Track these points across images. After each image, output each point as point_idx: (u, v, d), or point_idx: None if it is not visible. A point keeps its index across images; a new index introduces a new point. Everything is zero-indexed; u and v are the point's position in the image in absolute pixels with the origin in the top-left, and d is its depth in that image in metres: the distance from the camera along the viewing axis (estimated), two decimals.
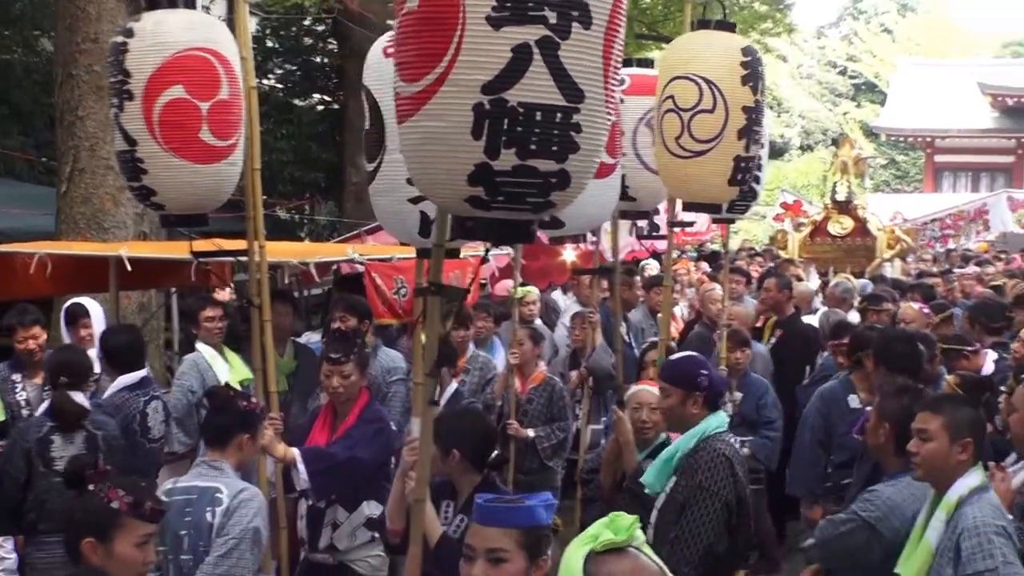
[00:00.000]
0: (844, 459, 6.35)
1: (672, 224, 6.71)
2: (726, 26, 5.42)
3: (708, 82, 5.13)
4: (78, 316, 7.30)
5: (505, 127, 2.74)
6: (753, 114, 5.26)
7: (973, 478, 4.00)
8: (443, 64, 2.75)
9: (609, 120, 2.92)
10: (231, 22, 5.83)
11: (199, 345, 7.47)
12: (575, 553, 2.36)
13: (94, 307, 7.38)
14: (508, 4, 2.68)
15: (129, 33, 4.81)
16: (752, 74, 5.24)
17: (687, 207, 5.76)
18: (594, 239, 7.59)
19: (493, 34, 2.70)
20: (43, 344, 6.85)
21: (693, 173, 5.25)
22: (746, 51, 5.27)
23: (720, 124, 5.17)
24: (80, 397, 5.71)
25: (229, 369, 7.33)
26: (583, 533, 2.41)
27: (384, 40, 4.09)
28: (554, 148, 2.78)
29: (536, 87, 2.73)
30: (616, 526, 2.37)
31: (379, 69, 4.06)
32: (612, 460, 5.46)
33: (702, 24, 5.44)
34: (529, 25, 2.69)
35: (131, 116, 4.78)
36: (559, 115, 2.75)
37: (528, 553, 3.03)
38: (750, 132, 5.26)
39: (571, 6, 2.71)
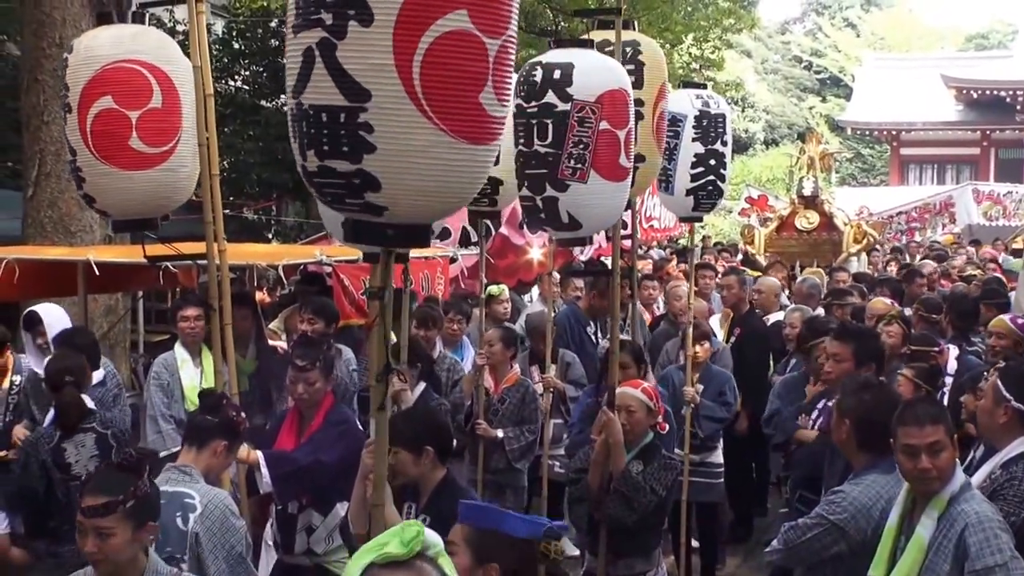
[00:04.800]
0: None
1: None
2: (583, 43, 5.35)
3: None
4: (34, 322, 7.26)
5: (304, 130, 2.81)
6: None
7: (961, 474, 4.04)
8: (287, 72, 2.88)
9: (417, 116, 2.79)
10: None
11: (176, 346, 7.48)
12: (356, 563, 2.23)
13: (47, 313, 7.30)
14: (300, 11, 2.77)
15: (70, 50, 5.06)
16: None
17: None
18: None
19: (293, 40, 2.81)
20: (6, 362, 6.81)
21: None
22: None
23: None
24: (85, 398, 5.80)
25: (200, 374, 7.31)
26: (373, 540, 2.28)
27: None
28: (345, 149, 2.78)
29: (320, 89, 2.76)
30: (403, 537, 2.24)
31: None
32: (602, 461, 5.47)
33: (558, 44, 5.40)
34: (311, 29, 2.74)
35: (71, 128, 5.01)
36: (343, 115, 2.75)
37: (474, 553, 3.07)
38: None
39: (347, 5, 2.70)
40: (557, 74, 4.92)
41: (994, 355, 7.05)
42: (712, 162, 6.73)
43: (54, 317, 7.19)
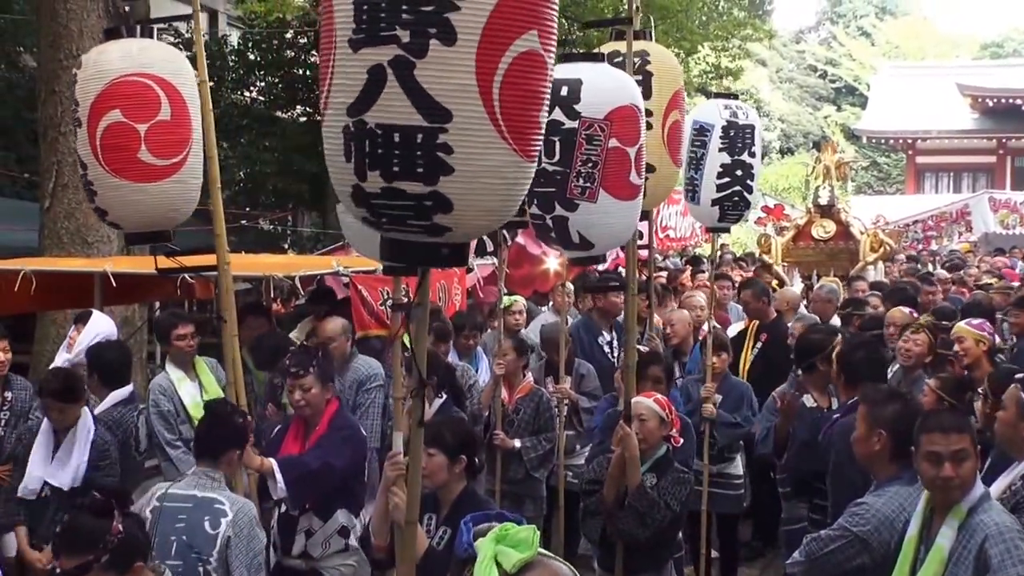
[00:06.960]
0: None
1: None
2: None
3: None
4: (78, 320, 7.23)
5: (367, 149, 2.71)
6: None
7: (980, 484, 4.01)
8: (325, 86, 2.80)
9: (495, 137, 2.76)
10: (214, 38, 5.93)
11: (168, 366, 7.23)
12: None
13: (98, 319, 7.24)
14: (364, 26, 2.66)
15: (79, 65, 5.13)
16: None
17: None
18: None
19: (353, 56, 2.70)
20: (8, 360, 6.77)
21: None
22: None
23: None
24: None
25: (199, 388, 7.15)
26: (482, 555, 2.27)
27: None
28: (420, 170, 2.69)
29: (392, 108, 2.67)
30: (516, 540, 2.25)
31: None
32: (617, 475, 5.45)
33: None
34: (381, 46, 2.65)
35: (81, 142, 5.06)
36: (420, 136, 2.67)
37: None
38: None
39: (428, 23, 2.62)
40: (564, 91, 4.79)
41: (961, 358, 6.99)
42: (739, 173, 6.70)
43: (97, 326, 7.08)
